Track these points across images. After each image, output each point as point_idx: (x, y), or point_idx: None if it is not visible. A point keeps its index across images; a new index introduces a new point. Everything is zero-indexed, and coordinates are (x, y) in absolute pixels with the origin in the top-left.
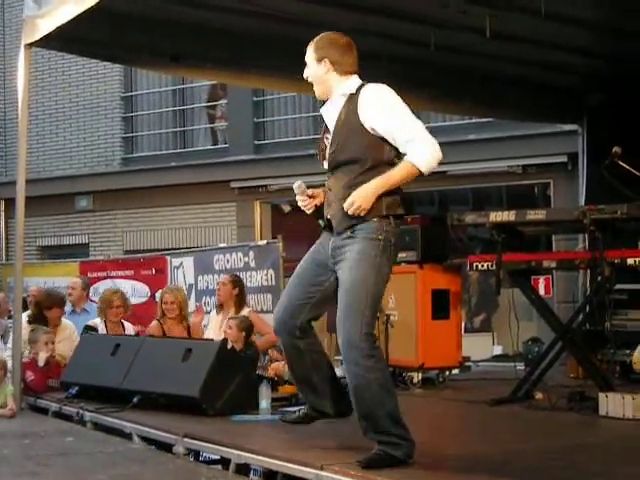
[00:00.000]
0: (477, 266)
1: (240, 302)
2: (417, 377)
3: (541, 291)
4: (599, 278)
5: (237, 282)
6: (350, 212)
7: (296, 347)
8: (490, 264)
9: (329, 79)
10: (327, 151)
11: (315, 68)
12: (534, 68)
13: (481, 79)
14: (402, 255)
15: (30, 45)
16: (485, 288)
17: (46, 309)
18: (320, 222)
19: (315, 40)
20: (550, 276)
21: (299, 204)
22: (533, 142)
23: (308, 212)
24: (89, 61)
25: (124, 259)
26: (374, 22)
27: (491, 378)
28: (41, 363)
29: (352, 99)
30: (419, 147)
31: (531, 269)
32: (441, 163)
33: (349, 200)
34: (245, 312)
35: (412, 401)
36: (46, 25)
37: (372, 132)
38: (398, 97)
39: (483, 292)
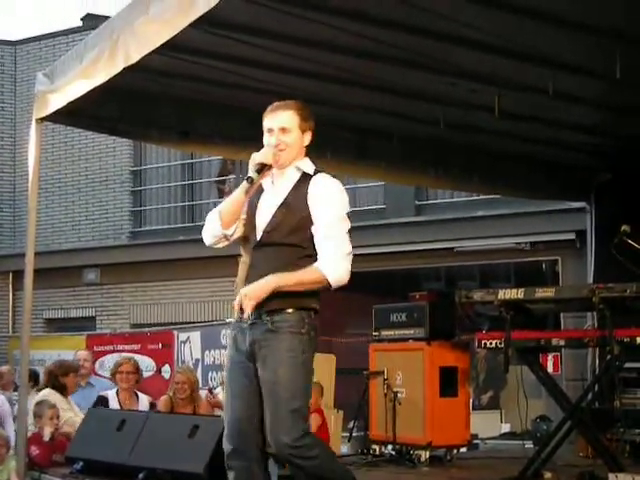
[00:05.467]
0: (485, 344)
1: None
2: (425, 455)
3: (549, 369)
4: (608, 357)
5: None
6: (240, 303)
7: (253, 473)
8: (499, 342)
9: (302, 153)
10: (259, 223)
11: (299, 137)
12: (542, 146)
13: (489, 157)
14: (410, 332)
15: (41, 119)
16: (493, 365)
17: (62, 376)
18: (255, 176)
19: (300, 106)
20: (559, 354)
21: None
22: (541, 219)
23: (266, 161)
24: (99, 135)
25: (131, 333)
26: (384, 100)
27: (499, 457)
28: (46, 438)
29: (305, 181)
30: (333, 260)
31: (540, 347)
32: (449, 239)
33: (244, 290)
34: None
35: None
36: (57, 100)
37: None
38: (346, 200)
39: (491, 369)
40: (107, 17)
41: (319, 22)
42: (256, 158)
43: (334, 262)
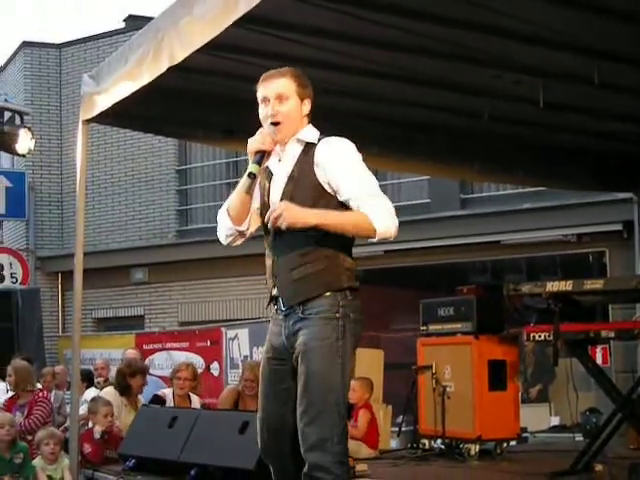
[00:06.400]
0: (534, 337)
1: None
2: (474, 449)
3: (598, 361)
4: None
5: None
6: (271, 217)
7: (287, 472)
8: (547, 334)
9: (302, 124)
10: (272, 208)
11: (297, 105)
12: (586, 137)
13: (534, 149)
14: (457, 326)
15: (88, 121)
16: (541, 358)
17: (129, 377)
18: (254, 167)
19: (297, 73)
20: (607, 346)
21: (258, 137)
22: (588, 210)
23: (258, 147)
24: (144, 135)
25: (179, 331)
26: (429, 94)
27: (549, 450)
28: (97, 436)
29: (309, 151)
30: (382, 209)
31: (589, 339)
32: (495, 232)
33: (284, 204)
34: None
35: (470, 473)
36: (103, 101)
37: (330, 192)
38: (359, 154)
39: (539, 362)
40: (148, 18)
41: (362, 18)
42: (252, 146)
43: (381, 214)
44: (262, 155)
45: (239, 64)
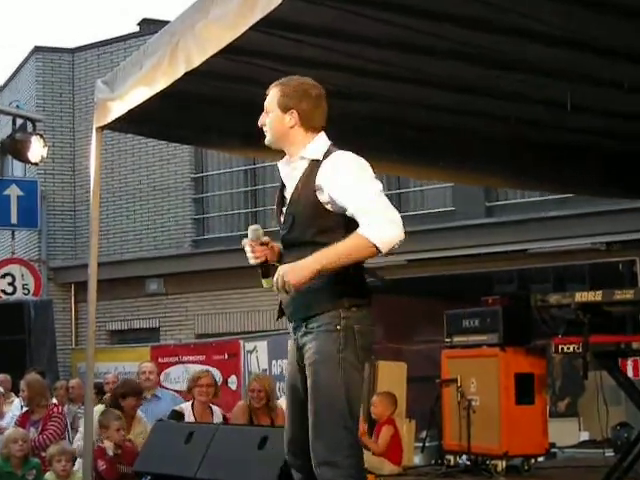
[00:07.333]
0: (562, 349)
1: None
2: (501, 465)
3: (629, 373)
4: None
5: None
6: (277, 287)
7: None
8: (576, 346)
9: (292, 134)
10: (280, 226)
11: (278, 118)
12: (614, 141)
13: (561, 154)
14: (483, 338)
15: (101, 128)
16: (569, 371)
17: (120, 398)
18: (263, 282)
19: (283, 84)
20: (639, 358)
21: (246, 248)
22: (616, 218)
23: (253, 262)
24: (159, 142)
25: (196, 343)
26: (452, 98)
27: (579, 466)
28: (110, 453)
29: (313, 169)
30: (377, 220)
31: (620, 351)
32: (521, 241)
33: (277, 272)
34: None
35: None
36: (118, 108)
37: (332, 211)
38: (365, 165)
39: (567, 375)
40: (164, 21)
41: (383, 21)
42: (251, 262)
43: (378, 226)
44: (264, 265)
45: (256, 68)
